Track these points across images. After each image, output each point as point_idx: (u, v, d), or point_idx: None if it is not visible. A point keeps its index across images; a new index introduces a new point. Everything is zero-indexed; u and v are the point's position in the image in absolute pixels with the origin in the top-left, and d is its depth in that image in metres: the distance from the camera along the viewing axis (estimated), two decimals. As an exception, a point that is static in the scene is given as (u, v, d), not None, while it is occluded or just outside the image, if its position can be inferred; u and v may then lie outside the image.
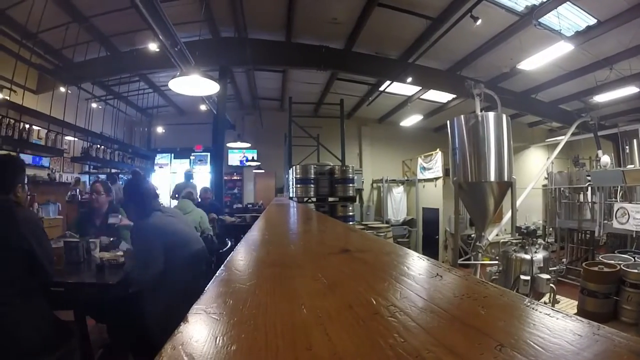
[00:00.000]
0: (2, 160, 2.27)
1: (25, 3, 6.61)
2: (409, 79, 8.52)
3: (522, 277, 5.16)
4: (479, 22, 6.24)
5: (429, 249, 11.25)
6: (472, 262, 6.09)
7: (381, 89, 10.24)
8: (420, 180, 12.20)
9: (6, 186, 2.08)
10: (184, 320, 0.56)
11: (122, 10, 6.94)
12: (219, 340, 0.49)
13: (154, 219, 2.39)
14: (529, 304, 0.60)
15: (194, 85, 4.75)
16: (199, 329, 0.54)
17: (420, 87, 10.03)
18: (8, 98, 6.89)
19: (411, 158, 13.13)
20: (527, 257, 5.33)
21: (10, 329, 1.82)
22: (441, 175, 10.49)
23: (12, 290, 1.87)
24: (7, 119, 6.68)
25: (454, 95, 10.39)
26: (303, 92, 11.32)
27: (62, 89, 8.91)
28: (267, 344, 0.47)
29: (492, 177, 5.32)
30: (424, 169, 11.75)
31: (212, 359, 0.44)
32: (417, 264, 0.97)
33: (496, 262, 6.03)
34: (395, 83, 9.13)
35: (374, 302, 0.62)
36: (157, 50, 7.28)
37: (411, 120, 13.07)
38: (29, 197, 6.50)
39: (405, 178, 13.50)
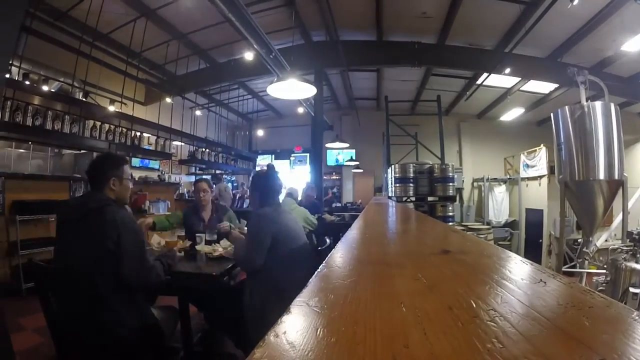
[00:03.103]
0: (94, 159, 2.38)
1: (127, 26, 7.46)
2: (507, 70, 7.95)
3: (632, 289, 4.50)
4: (575, 1, 5.64)
5: (532, 253, 10.34)
6: (578, 269, 5.52)
7: (478, 82, 9.75)
8: (523, 179, 11.27)
9: (98, 182, 2.19)
10: (287, 311, 0.60)
11: (216, 24, 7.49)
12: (320, 332, 0.51)
13: (271, 210, 2.49)
14: (637, 317, 0.55)
15: (291, 89, 4.86)
16: (301, 320, 0.57)
17: (520, 78, 9.38)
18: (120, 110, 7.76)
19: (513, 155, 12.27)
20: (639, 267, 4.69)
21: (102, 319, 1.95)
22: (546, 173, 9.60)
23: (108, 283, 1.97)
24: (120, 128, 7.53)
25: (556, 85, 9.51)
26: (399, 90, 11.18)
27: (168, 100, 9.84)
28: (365, 338, 0.49)
29: (601, 175, 4.75)
30: (527, 166, 10.83)
31: (313, 349, 0.46)
32: (519, 268, 0.93)
33: (604, 271, 5.40)
34: (492, 75, 8.62)
35: (474, 305, 0.61)
36: (253, 58, 7.69)
37: (512, 114, 12.20)
38: (138, 197, 7.27)
39: (508, 176, 12.62)
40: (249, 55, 7.90)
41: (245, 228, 3.41)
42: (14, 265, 4.83)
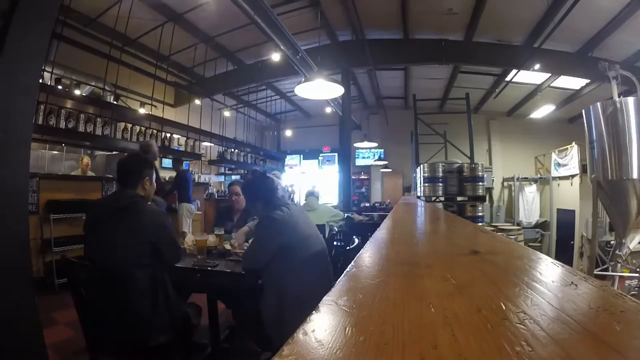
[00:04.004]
0: (128, 157, 2.52)
1: (155, 31, 7.65)
2: (536, 66, 7.76)
3: (666, 294, 4.33)
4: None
5: (563, 255, 9.96)
6: (610, 273, 5.32)
7: (507, 79, 9.51)
8: (554, 178, 10.89)
9: (132, 181, 2.28)
10: (316, 309, 0.60)
11: (243, 27, 7.57)
12: (348, 331, 0.52)
13: (281, 215, 2.43)
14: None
15: (319, 89, 4.88)
16: (330, 319, 0.58)
17: (549, 74, 9.13)
18: (150, 112, 7.95)
19: (544, 153, 11.93)
20: (673, 271, 4.49)
21: (138, 313, 2.02)
22: (578, 172, 9.24)
23: (143, 277, 2.07)
24: (151, 130, 7.72)
25: (588, 80, 9.18)
26: (426, 89, 11.09)
27: (197, 102, 10.01)
28: (394, 338, 0.49)
29: (635, 174, 4.54)
30: (558, 165, 10.45)
31: (341, 347, 0.47)
32: (550, 270, 0.91)
33: (637, 274, 5.20)
34: (521, 71, 8.41)
35: (503, 307, 0.60)
36: (280, 59, 7.75)
37: (542, 112, 11.70)
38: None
39: (539, 176, 12.26)
40: (276, 57, 7.97)
41: None
42: (47, 261, 4.99)
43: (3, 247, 2.00)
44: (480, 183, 5.74)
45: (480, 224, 5.41)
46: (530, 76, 9.23)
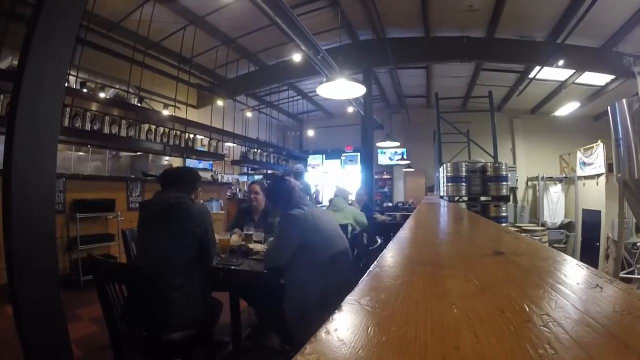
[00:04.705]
0: (184, 169, 2.81)
1: (177, 34, 7.78)
2: (560, 62, 7.52)
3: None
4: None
5: (588, 257, 9.64)
6: (636, 275, 5.16)
7: (531, 75, 9.33)
8: (579, 178, 10.59)
9: (189, 189, 2.52)
10: (339, 308, 0.61)
11: (263, 28, 7.61)
12: (371, 330, 0.52)
13: (302, 214, 2.46)
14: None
15: (340, 89, 4.87)
16: (352, 318, 0.58)
17: (574, 70, 8.87)
18: (173, 114, 8.07)
19: (569, 152, 11.67)
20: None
21: (176, 302, 2.13)
22: (603, 171, 8.95)
23: (183, 270, 2.22)
24: (174, 131, 7.85)
25: (613, 76, 8.88)
26: (449, 87, 10.95)
27: (219, 103, 10.12)
28: (416, 338, 0.49)
29: None
30: (583, 164, 10.13)
31: (363, 347, 0.47)
32: (575, 272, 0.89)
33: None
34: (545, 68, 8.22)
35: (527, 309, 0.60)
36: (302, 60, 7.78)
37: (567, 109, 11.38)
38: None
39: (563, 175, 11.98)
40: (297, 57, 7.99)
41: None
42: (73, 259, 5.12)
43: (31, 244, 2.07)
44: (504, 183, 5.66)
45: (503, 224, 5.32)
46: (554, 73, 9.01)
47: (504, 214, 5.59)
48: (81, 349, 3.15)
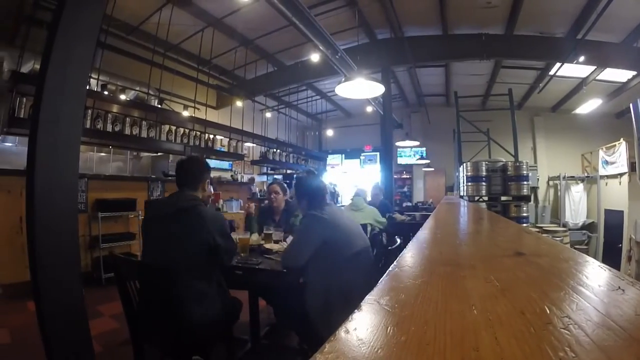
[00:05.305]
0: (190, 159, 2.61)
1: (195, 36, 7.90)
2: (581, 58, 7.30)
3: None
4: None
5: (610, 258, 9.32)
6: None
7: (551, 72, 9.17)
8: (602, 177, 10.30)
9: (194, 182, 2.44)
10: (358, 308, 0.61)
11: (281, 29, 7.66)
12: (390, 330, 0.53)
13: (324, 213, 2.47)
14: None
15: (359, 88, 4.86)
16: (372, 318, 0.58)
17: (595, 66, 8.66)
18: (193, 114, 8.18)
19: (591, 151, 11.42)
20: None
21: (191, 304, 2.13)
22: (626, 170, 8.72)
23: (196, 273, 2.20)
24: (194, 132, 7.94)
25: (634, 72, 8.63)
26: (468, 85, 10.85)
27: (239, 103, 10.21)
28: (435, 339, 0.49)
29: None
30: (606, 163, 9.85)
31: (382, 346, 0.48)
32: (597, 273, 0.88)
33: None
34: (565, 64, 8.04)
35: (547, 311, 0.59)
36: (320, 60, 7.79)
37: (589, 106, 11.12)
38: (214, 195, 7.61)
39: (585, 174, 11.73)
40: (315, 57, 8.00)
41: None
42: (95, 257, 5.25)
43: (54, 243, 2.11)
44: (525, 182, 5.57)
45: (524, 224, 5.24)
46: (574, 69, 8.79)
47: (524, 214, 5.50)
48: (102, 344, 3.21)
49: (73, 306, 2.20)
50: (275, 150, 11.44)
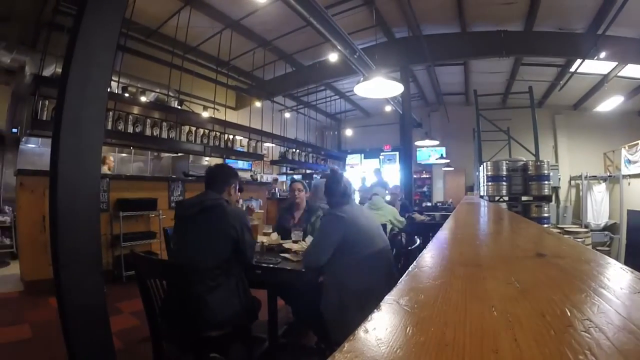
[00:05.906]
0: (219, 165, 2.72)
1: (214, 38, 7.99)
2: (602, 54, 7.14)
3: None
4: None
5: (633, 260, 8.98)
6: None
7: (572, 69, 8.93)
8: (624, 177, 10.10)
9: (219, 187, 2.53)
10: (377, 308, 0.61)
11: (299, 29, 7.68)
12: (409, 331, 0.53)
13: (338, 213, 2.48)
14: None
15: (378, 88, 4.84)
16: (391, 318, 0.59)
17: (616, 62, 8.42)
18: (213, 115, 8.26)
19: (614, 149, 11.15)
20: None
21: (213, 302, 2.17)
22: None
23: (219, 271, 2.25)
24: (214, 132, 8.03)
25: None
26: (487, 83, 10.73)
27: (257, 104, 10.30)
28: (454, 340, 0.49)
29: None
30: (628, 162, 9.69)
31: (401, 347, 0.48)
32: (619, 276, 0.87)
33: None
34: (586, 61, 7.81)
35: (568, 314, 0.59)
36: (338, 60, 7.78)
37: (611, 103, 10.74)
38: (239, 199, 7.68)
39: (608, 174, 11.42)
40: (333, 57, 7.99)
41: None
42: (116, 255, 5.33)
43: (77, 241, 2.16)
44: (546, 182, 5.47)
45: (545, 225, 5.15)
46: (595, 66, 8.55)
47: (545, 215, 5.40)
48: (122, 341, 3.25)
49: (94, 303, 2.24)
50: (294, 150, 11.50)
